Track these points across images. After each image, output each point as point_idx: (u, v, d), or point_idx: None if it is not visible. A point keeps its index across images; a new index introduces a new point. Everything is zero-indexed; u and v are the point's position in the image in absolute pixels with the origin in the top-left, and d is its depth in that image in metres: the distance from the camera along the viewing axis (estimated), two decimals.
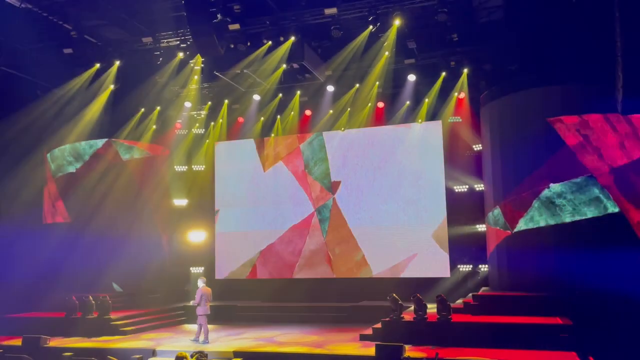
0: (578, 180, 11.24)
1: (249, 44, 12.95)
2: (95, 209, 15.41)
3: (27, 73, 14.29)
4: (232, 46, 12.86)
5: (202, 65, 14.34)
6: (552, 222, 11.61)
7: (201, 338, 11.30)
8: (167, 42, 13.69)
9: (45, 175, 15.87)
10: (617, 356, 8.96)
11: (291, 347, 10.58)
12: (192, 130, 17.92)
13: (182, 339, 12.10)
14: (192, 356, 7.58)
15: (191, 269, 17.60)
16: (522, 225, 12.06)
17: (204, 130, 18.01)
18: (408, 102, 15.58)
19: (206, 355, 7.67)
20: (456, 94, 14.89)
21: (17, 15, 12.11)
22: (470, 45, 13.33)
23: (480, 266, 14.61)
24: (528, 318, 10.19)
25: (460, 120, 15.18)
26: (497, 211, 12.71)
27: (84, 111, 15.04)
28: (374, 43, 12.85)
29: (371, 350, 9.32)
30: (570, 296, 10.51)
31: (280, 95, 16.36)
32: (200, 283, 11.62)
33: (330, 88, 15.56)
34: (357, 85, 15.29)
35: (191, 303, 11.40)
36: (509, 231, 12.33)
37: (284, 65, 13.37)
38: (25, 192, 14.86)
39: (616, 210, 10.88)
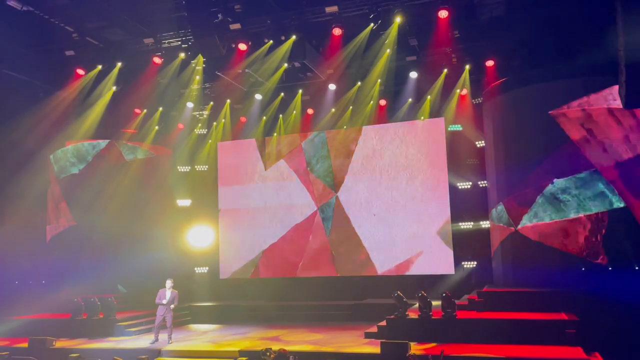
0: (582, 175, 11.20)
1: (250, 43, 12.96)
2: (99, 210, 15.45)
3: (29, 75, 14.35)
4: (234, 46, 12.87)
5: (204, 65, 14.33)
6: (556, 218, 11.57)
7: (163, 337, 11.47)
8: (169, 42, 13.70)
9: (48, 177, 15.90)
10: (623, 351, 8.94)
11: (296, 345, 10.57)
12: (195, 130, 17.94)
13: (188, 340, 12.14)
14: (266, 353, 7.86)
15: (195, 269, 17.62)
16: (526, 221, 12.03)
17: (206, 130, 18.03)
18: (410, 100, 15.55)
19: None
20: (458, 90, 14.86)
21: (19, 18, 12.14)
22: (472, 41, 13.28)
23: (484, 263, 14.57)
24: (533, 314, 10.18)
25: (461, 128, 15.19)
26: (500, 208, 12.68)
27: (86, 113, 15.07)
28: (376, 41, 12.82)
29: (376, 348, 9.32)
30: (575, 292, 10.47)
31: (282, 94, 16.35)
32: (170, 284, 11.60)
33: (332, 86, 15.53)
34: (359, 83, 15.25)
35: (172, 306, 11.38)
36: (512, 228, 12.30)
37: (286, 64, 13.36)
38: (29, 194, 14.90)
39: (621, 205, 10.84)
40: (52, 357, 10.74)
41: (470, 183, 15.14)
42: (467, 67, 14.12)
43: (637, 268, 10.59)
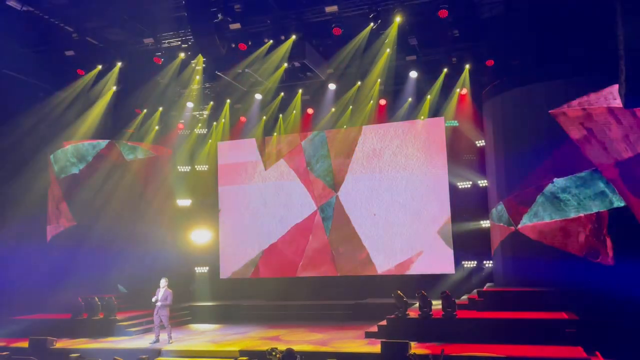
0: (583, 174, 11.20)
1: (250, 43, 12.96)
2: (99, 210, 15.46)
3: (29, 75, 14.33)
4: (234, 46, 12.87)
5: (204, 65, 14.35)
6: (556, 217, 11.57)
7: (163, 337, 11.51)
8: (169, 42, 13.72)
9: (48, 177, 15.90)
10: (624, 351, 8.93)
11: (297, 345, 10.56)
12: (195, 130, 17.95)
13: (188, 339, 12.14)
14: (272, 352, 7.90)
15: (195, 269, 17.62)
16: (526, 221, 12.03)
17: (206, 130, 18.04)
18: (410, 99, 15.54)
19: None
20: (458, 90, 14.86)
21: (19, 18, 12.14)
22: (471, 41, 13.28)
23: (484, 262, 14.58)
24: (533, 313, 10.18)
25: (458, 124, 15.20)
26: (500, 207, 12.68)
27: (86, 113, 15.08)
28: (375, 40, 12.83)
29: (377, 348, 9.33)
30: (575, 291, 10.47)
31: (282, 94, 16.36)
32: (163, 283, 11.63)
33: (332, 86, 15.54)
34: (359, 82, 15.25)
35: (158, 304, 11.40)
36: (513, 227, 12.30)
37: (285, 64, 13.35)
38: (30, 194, 14.89)
39: (622, 204, 10.84)
40: (52, 357, 10.75)
41: (470, 182, 15.14)
42: (467, 66, 14.11)
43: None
